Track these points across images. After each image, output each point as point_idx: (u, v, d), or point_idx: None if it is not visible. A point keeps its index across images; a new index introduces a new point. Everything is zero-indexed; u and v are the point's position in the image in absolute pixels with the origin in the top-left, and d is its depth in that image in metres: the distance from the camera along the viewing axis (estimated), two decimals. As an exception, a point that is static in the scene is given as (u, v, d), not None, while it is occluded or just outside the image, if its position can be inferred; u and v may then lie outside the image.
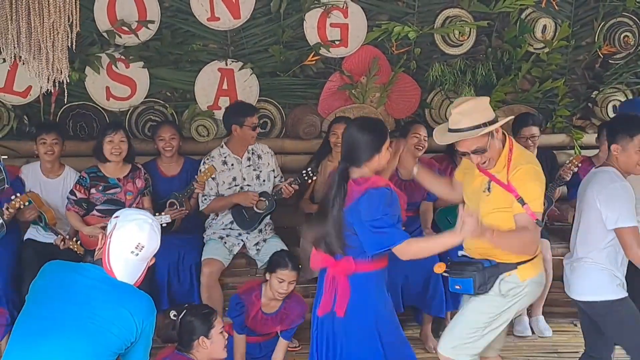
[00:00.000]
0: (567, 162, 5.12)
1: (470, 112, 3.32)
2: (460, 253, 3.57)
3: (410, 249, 3.24)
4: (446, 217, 5.10)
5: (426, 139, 4.96)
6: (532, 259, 3.43)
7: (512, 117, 4.53)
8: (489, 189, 3.42)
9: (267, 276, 4.18)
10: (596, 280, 3.60)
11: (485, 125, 3.30)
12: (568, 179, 5.11)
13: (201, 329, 3.49)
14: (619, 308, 3.57)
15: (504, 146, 3.41)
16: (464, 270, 3.44)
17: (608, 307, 3.58)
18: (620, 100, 5.98)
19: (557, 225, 5.51)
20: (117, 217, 2.84)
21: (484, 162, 3.38)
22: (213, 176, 4.93)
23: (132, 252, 2.73)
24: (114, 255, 2.73)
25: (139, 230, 2.75)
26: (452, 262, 3.54)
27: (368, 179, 3.28)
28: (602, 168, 3.67)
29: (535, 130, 5.24)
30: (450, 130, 3.37)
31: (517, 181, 3.34)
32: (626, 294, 3.61)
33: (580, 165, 5.14)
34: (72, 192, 4.79)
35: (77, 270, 2.79)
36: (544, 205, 5.02)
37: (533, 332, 5.14)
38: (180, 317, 3.52)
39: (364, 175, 3.32)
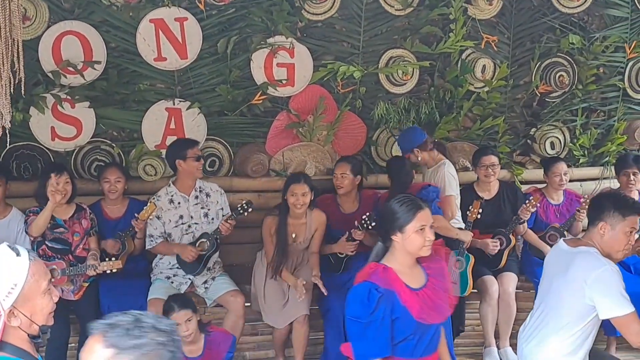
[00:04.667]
0: (526, 201, 5.29)
1: None
2: None
3: None
4: None
5: (344, 175, 5.16)
6: None
7: None
8: None
9: None
10: None
11: None
12: (527, 219, 5.34)
13: None
14: None
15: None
16: None
17: None
18: (557, 137, 6.21)
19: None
20: None
21: None
22: (154, 214, 4.91)
23: None
24: None
25: None
26: None
27: (370, 271, 3.02)
28: (582, 248, 3.37)
29: (494, 159, 5.43)
30: None
31: None
32: None
33: (538, 205, 5.34)
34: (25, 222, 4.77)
35: None
36: (503, 244, 5.24)
37: None
38: None
39: (394, 257, 3.04)
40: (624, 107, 6.31)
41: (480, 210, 5.18)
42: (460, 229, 5.15)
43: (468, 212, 5.19)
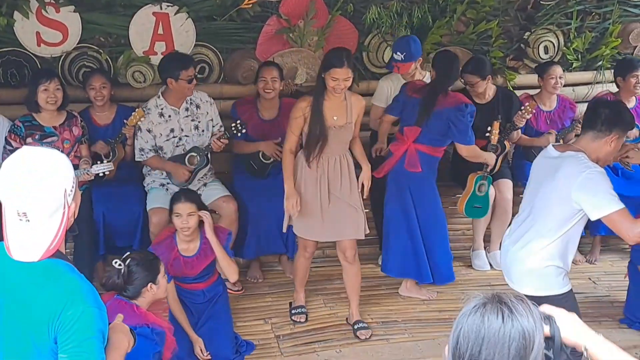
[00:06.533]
0: (522, 108, 5.22)
1: None
2: None
3: None
4: (473, 204, 5.13)
5: (274, 79, 5.10)
6: None
7: None
8: None
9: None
10: (542, 274, 3.39)
11: None
12: (522, 125, 5.28)
13: (150, 276, 3.51)
14: (563, 302, 3.19)
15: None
16: None
17: (552, 302, 3.28)
18: (551, 41, 6.12)
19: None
20: None
21: None
22: (143, 119, 4.86)
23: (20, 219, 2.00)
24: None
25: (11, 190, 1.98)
26: None
27: None
28: (570, 153, 3.38)
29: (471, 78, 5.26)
30: None
31: None
32: (570, 287, 3.45)
33: (534, 111, 5.29)
34: (7, 142, 4.68)
35: None
36: (498, 150, 5.20)
37: (491, 266, 5.39)
38: (125, 265, 3.47)
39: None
40: (620, 9, 6.19)
41: (500, 129, 5.09)
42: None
43: (489, 135, 5.05)
